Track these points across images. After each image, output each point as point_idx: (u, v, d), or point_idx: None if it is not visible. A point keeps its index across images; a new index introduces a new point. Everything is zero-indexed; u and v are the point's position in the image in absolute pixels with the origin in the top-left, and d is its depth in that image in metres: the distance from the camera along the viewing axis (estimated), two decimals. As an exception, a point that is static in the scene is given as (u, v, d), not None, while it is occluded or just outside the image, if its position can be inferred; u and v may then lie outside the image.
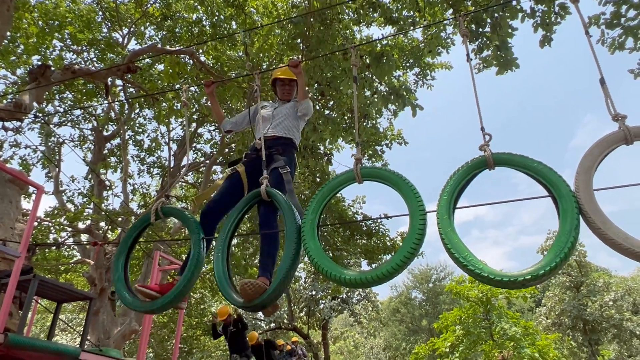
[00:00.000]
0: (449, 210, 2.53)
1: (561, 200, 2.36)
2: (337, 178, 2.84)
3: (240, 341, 8.88)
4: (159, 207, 3.23)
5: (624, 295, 20.17)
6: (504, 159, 2.64)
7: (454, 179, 2.64)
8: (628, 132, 2.48)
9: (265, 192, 2.82)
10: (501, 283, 2.33)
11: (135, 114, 13.21)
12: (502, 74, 5.59)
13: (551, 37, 5.78)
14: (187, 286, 2.99)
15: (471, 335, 14.81)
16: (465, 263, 2.33)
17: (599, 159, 2.54)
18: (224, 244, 2.82)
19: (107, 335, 9.23)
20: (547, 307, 21.68)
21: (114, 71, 7.09)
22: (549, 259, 2.27)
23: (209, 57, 10.53)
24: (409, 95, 6.39)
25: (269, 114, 3.64)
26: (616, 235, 2.25)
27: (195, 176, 14.85)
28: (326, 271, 2.46)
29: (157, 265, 5.80)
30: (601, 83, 2.88)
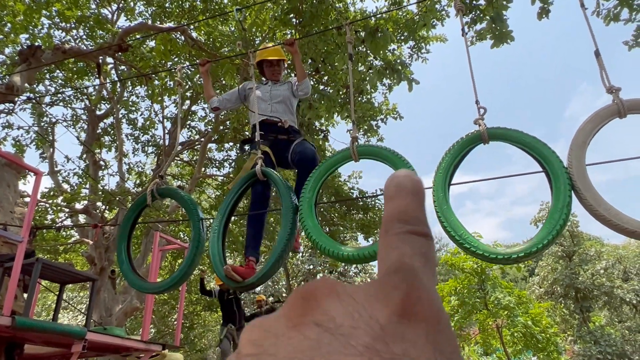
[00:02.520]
0: (445, 187, 2.57)
1: (554, 177, 2.41)
2: (333, 157, 2.87)
3: (237, 310, 8.41)
4: (155, 189, 3.27)
5: (615, 264, 20.58)
6: (499, 133, 2.67)
7: (449, 155, 2.67)
8: (622, 106, 2.52)
9: (260, 171, 2.85)
10: (495, 260, 2.40)
11: (128, 92, 13.07)
12: (497, 47, 5.56)
13: (549, 9, 5.73)
14: (192, 266, 3.07)
15: (466, 305, 15.13)
16: (461, 241, 2.40)
17: (592, 134, 2.58)
18: (220, 224, 2.87)
19: (109, 313, 9.38)
20: (540, 276, 22.12)
21: (106, 50, 6.99)
22: (541, 236, 2.33)
23: (200, 33, 10.36)
24: (404, 69, 6.36)
25: (266, 95, 3.64)
26: (607, 212, 2.31)
27: (191, 154, 14.81)
28: (325, 248, 2.52)
29: (157, 246, 5.86)
30: (596, 55, 2.90)
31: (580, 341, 19.41)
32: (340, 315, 0.21)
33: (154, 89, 8.85)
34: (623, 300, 19.91)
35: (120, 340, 4.10)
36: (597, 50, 2.87)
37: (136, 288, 3.30)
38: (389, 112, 11.59)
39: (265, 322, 0.23)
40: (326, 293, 0.22)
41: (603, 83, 2.72)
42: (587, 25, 3.06)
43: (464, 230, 2.46)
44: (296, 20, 6.77)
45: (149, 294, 3.63)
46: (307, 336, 0.21)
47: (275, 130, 3.48)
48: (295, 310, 0.22)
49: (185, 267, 3.02)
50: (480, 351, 18.42)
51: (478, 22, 6.46)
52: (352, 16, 8.51)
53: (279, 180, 2.80)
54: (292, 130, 3.52)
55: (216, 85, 9.84)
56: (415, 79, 6.29)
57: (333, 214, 12.02)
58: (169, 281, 3.14)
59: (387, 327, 0.20)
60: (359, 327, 0.20)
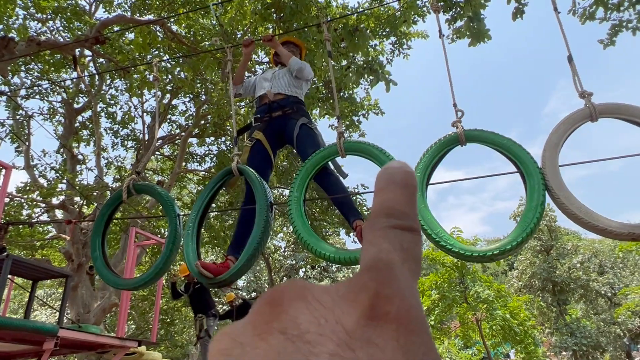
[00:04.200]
0: (422, 186, 2.60)
1: (529, 177, 2.47)
2: (320, 152, 2.87)
3: (204, 299, 8.31)
4: (131, 184, 3.24)
5: (591, 257, 21.07)
6: (476, 135, 2.72)
7: (427, 155, 2.70)
8: (593, 110, 2.58)
9: (236, 168, 2.84)
10: (471, 258, 2.45)
11: (107, 86, 12.85)
12: (475, 46, 5.62)
13: (523, 10, 5.81)
14: (167, 263, 3.05)
15: (446, 299, 15.32)
16: (437, 239, 2.43)
17: (565, 136, 2.64)
18: (194, 221, 2.86)
19: (87, 310, 9.26)
20: (519, 270, 22.54)
21: (82, 43, 6.85)
22: (516, 234, 2.38)
23: (181, 26, 10.23)
24: (382, 69, 6.37)
25: (269, 76, 3.60)
26: (578, 210, 2.37)
27: (172, 148, 14.65)
28: (316, 250, 2.52)
29: (133, 242, 5.79)
30: (569, 60, 2.95)
31: (557, 333, 19.86)
32: (306, 321, 0.20)
33: (133, 82, 8.71)
34: (598, 293, 20.43)
35: (94, 336, 4.05)
36: (569, 55, 2.92)
37: (110, 284, 3.27)
38: (370, 107, 11.64)
39: (234, 330, 0.22)
40: (293, 298, 0.22)
41: (576, 88, 2.78)
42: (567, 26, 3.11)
43: (441, 228, 2.50)
44: (276, 16, 6.74)
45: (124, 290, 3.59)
46: (272, 345, 0.20)
47: (270, 108, 3.35)
48: (262, 317, 0.22)
49: (161, 263, 3.00)
50: (460, 344, 18.71)
51: (458, 19, 6.52)
52: (333, 12, 8.50)
53: (253, 178, 2.79)
54: (286, 102, 3.35)
55: (198, 79, 9.74)
56: (393, 80, 6.31)
57: (315, 209, 12.03)
58: (145, 277, 3.11)
59: (355, 331, 0.20)
60: (325, 334, 0.20)
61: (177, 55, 8.31)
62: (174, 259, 3.11)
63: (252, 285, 21.18)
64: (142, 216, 8.18)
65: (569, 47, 2.95)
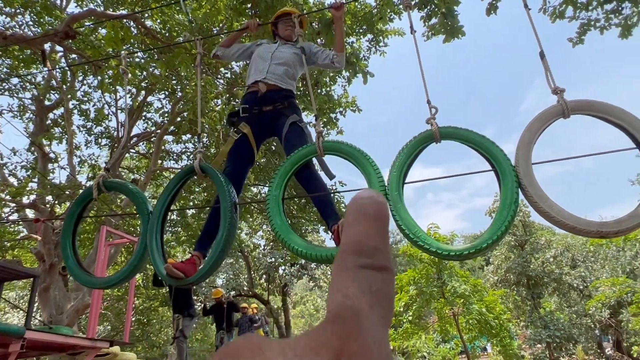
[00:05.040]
0: (399, 185, 2.60)
1: (502, 175, 2.49)
2: (299, 152, 2.85)
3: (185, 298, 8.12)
4: (101, 182, 3.18)
5: (564, 251, 21.59)
6: (450, 132, 2.73)
7: (402, 154, 2.71)
8: (565, 107, 2.62)
9: (199, 168, 2.80)
10: (448, 256, 2.47)
11: (79, 82, 12.55)
12: (449, 42, 5.68)
13: (497, 6, 5.89)
14: (141, 261, 2.99)
15: (424, 295, 15.50)
16: (414, 238, 2.44)
17: (538, 133, 2.68)
18: (157, 220, 2.81)
19: (60, 311, 9.05)
20: (494, 265, 22.95)
21: (51, 37, 6.66)
22: (491, 232, 2.41)
23: (155, 21, 10.05)
24: (358, 62, 6.38)
25: (267, 54, 3.36)
26: (549, 208, 2.41)
27: (148, 146, 14.42)
28: (294, 248, 2.50)
29: (103, 241, 5.67)
30: (541, 57, 3.00)
31: (531, 326, 20.30)
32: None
33: (104, 78, 8.52)
34: (571, 286, 20.95)
35: (63, 338, 3.96)
36: (541, 51, 2.97)
37: (82, 283, 3.19)
38: (348, 105, 11.66)
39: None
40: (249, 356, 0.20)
41: (548, 84, 2.81)
42: (542, 25, 3.16)
43: (418, 228, 2.50)
44: (252, 11, 6.68)
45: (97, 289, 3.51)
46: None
47: (261, 101, 3.19)
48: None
49: (135, 261, 2.95)
50: (438, 339, 18.97)
51: (433, 16, 6.58)
52: (309, 7, 8.47)
53: (216, 177, 2.75)
54: (278, 96, 3.22)
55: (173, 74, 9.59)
56: (370, 72, 6.33)
57: (292, 206, 12.00)
58: (118, 275, 3.05)
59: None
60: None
61: (149, 50, 8.16)
62: (147, 257, 3.06)
63: (231, 284, 21.05)
64: (115, 214, 8.03)
65: (541, 44, 3.00)
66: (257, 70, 3.30)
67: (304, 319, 42.13)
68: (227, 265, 21.49)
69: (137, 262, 2.86)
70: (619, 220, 2.29)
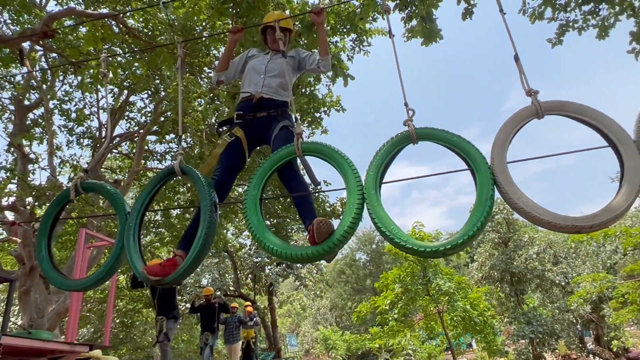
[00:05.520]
0: (376, 186, 2.62)
1: (478, 173, 2.53)
2: (278, 153, 2.85)
3: (169, 299, 7.95)
4: (79, 183, 3.15)
5: (546, 248, 21.92)
6: (427, 133, 2.76)
7: (380, 154, 2.73)
8: (539, 107, 2.67)
9: (179, 169, 2.79)
10: (424, 253, 2.48)
11: (60, 82, 12.35)
12: (427, 45, 5.72)
13: (472, 11, 5.95)
14: (117, 262, 2.96)
15: (409, 292, 15.62)
16: (391, 236, 2.45)
17: (512, 133, 2.72)
18: (135, 221, 2.79)
19: (41, 315, 8.90)
20: (478, 262, 23.21)
21: (29, 37, 6.55)
22: (466, 229, 2.43)
23: (137, 20, 9.93)
24: (340, 64, 6.40)
25: (261, 67, 3.37)
26: (525, 204, 2.45)
27: (131, 146, 14.26)
28: (269, 247, 2.49)
29: (82, 243, 5.60)
30: (515, 60, 3.04)
31: (515, 322, 20.58)
32: None
33: (84, 78, 8.41)
34: (553, 283, 21.28)
35: (41, 343, 3.90)
36: (516, 55, 3.01)
37: (57, 286, 3.15)
38: (332, 104, 11.69)
39: None
40: None
41: (522, 86, 2.86)
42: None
43: (395, 226, 2.52)
44: (234, 10, 6.65)
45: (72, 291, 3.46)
46: None
47: (255, 107, 3.21)
48: None
49: (111, 263, 2.92)
50: (424, 336, 19.12)
51: (414, 17, 6.62)
52: (293, 8, 8.46)
53: (196, 177, 2.74)
54: (273, 104, 3.23)
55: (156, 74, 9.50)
56: (351, 75, 6.34)
57: (277, 206, 11.99)
58: (94, 277, 3.02)
59: None
60: None
61: (131, 50, 8.07)
62: (124, 258, 3.04)
63: (217, 284, 20.92)
64: (95, 215, 7.93)
65: (515, 47, 3.05)
66: (252, 82, 3.32)
67: (291, 318, 42.13)
68: (212, 265, 21.36)
69: (113, 263, 2.84)
70: (593, 215, 2.33)
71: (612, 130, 2.44)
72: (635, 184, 2.25)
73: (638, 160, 2.30)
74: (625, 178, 2.30)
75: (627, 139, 2.38)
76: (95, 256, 9.76)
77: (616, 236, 14.15)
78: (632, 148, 2.34)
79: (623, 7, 6.64)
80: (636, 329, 22.63)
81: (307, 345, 36.09)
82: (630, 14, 6.52)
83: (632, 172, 2.28)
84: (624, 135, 2.40)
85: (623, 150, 2.36)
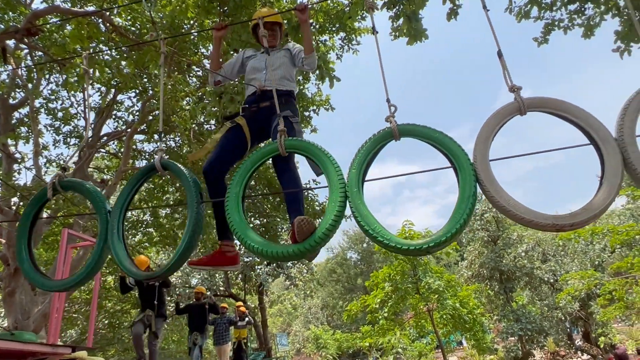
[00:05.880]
0: (359, 183, 2.60)
1: (461, 171, 2.52)
2: (261, 150, 2.82)
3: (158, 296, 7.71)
4: (57, 182, 3.10)
5: (535, 246, 22.10)
6: (409, 129, 2.74)
7: (362, 152, 2.71)
8: (522, 104, 2.67)
9: (160, 165, 2.75)
10: (408, 251, 2.46)
11: (46, 80, 12.19)
12: (412, 45, 5.72)
13: (457, 11, 5.96)
14: (99, 262, 2.93)
15: (399, 291, 15.66)
16: (374, 234, 2.44)
17: (495, 130, 2.71)
18: (118, 219, 2.76)
19: (27, 316, 8.79)
20: (468, 260, 23.33)
21: (11, 34, 6.45)
22: (449, 227, 2.42)
23: (125, 19, 9.83)
24: (325, 66, 6.37)
25: (261, 65, 3.37)
26: (506, 202, 2.45)
27: (119, 145, 14.13)
28: (249, 244, 2.46)
29: (65, 244, 5.53)
30: (499, 56, 3.04)
31: (504, 320, 20.73)
32: None
33: (70, 76, 8.30)
34: (542, 280, 21.46)
35: (22, 344, 3.84)
36: (499, 51, 3.01)
37: (38, 286, 3.10)
38: (321, 103, 11.67)
39: None
40: None
41: (506, 82, 2.85)
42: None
43: (378, 224, 2.50)
44: (220, 9, 6.60)
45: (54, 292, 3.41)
46: None
47: (258, 99, 3.23)
48: None
49: (92, 263, 2.88)
50: (415, 334, 19.19)
51: (401, 16, 6.62)
52: (282, 6, 8.42)
53: (181, 172, 2.71)
54: (278, 93, 3.15)
55: (143, 73, 9.41)
56: (337, 76, 6.32)
57: (266, 205, 11.95)
58: (75, 278, 2.98)
59: None
60: None
61: (116, 47, 7.98)
62: (106, 257, 3.01)
63: (206, 283, 20.81)
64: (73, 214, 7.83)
65: (499, 44, 3.04)
66: (255, 80, 3.33)
67: (282, 317, 42.09)
68: (202, 265, 21.22)
69: (95, 263, 2.80)
70: (574, 213, 2.34)
71: (594, 128, 2.44)
72: (615, 183, 2.26)
73: (618, 159, 2.30)
74: (606, 177, 2.31)
75: (609, 137, 2.38)
76: (82, 256, 9.66)
77: (604, 234, 14.28)
78: (613, 146, 2.34)
79: (608, 6, 6.71)
80: (623, 326, 22.90)
81: (298, 344, 36.08)
82: (615, 13, 6.58)
83: (612, 171, 2.29)
84: (606, 133, 2.40)
85: (604, 148, 2.37)
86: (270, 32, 3.47)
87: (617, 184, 2.26)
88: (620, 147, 2.33)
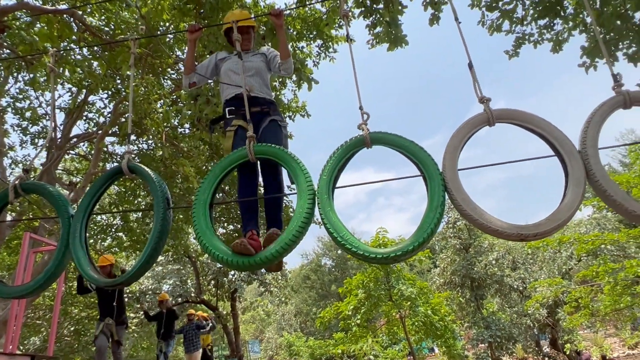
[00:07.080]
0: (329, 190, 2.59)
1: (430, 179, 2.54)
2: (229, 156, 2.79)
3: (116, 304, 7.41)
4: (18, 184, 3.00)
5: (505, 254, 22.53)
6: (380, 137, 2.76)
7: (333, 159, 2.71)
8: (491, 115, 2.72)
9: (127, 168, 2.69)
10: (375, 259, 2.46)
11: (14, 79, 11.83)
12: (392, 50, 5.80)
13: (439, 16, 6.07)
14: (59, 267, 2.83)
15: (372, 298, 15.69)
16: (342, 242, 2.43)
17: (464, 140, 2.75)
18: (81, 223, 2.69)
19: (-14, 323, 8.43)
20: (440, 267, 23.61)
21: (-23, 30, 6.23)
22: (417, 236, 2.43)
23: (98, 19, 9.63)
24: (303, 69, 6.39)
25: (237, 68, 3.32)
26: (473, 211, 2.48)
27: (90, 147, 13.79)
28: (214, 254, 2.41)
29: (26, 248, 5.34)
30: (469, 67, 3.10)
31: (475, 327, 21.02)
32: None
33: (37, 75, 8.07)
34: (511, 288, 21.87)
35: (-24, 354, 3.67)
36: (470, 62, 3.07)
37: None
38: (297, 109, 11.67)
39: None
40: None
41: (475, 93, 2.91)
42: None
43: (346, 231, 2.50)
44: (196, 11, 6.54)
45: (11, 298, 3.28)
46: None
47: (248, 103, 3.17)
48: None
49: (52, 268, 2.79)
50: (387, 341, 19.24)
51: (378, 25, 6.70)
52: (260, 10, 8.40)
53: (148, 176, 2.66)
54: (264, 101, 3.29)
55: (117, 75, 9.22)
56: (315, 79, 6.35)
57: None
58: (33, 284, 2.88)
59: None
60: None
61: (87, 46, 7.81)
62: (67, 262, 2.92)
63: (177, 290, 20.44)
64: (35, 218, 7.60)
65: (470, 55, 3.11)
66: (234, 82, 3.31)
67: (255, 324, 41.66)
68: (173, 271, 20.87)
69: (55, 268, 2.71)
70: (538, 223, 2.39)
71: (558, 140, 2.50)
72: (578, 194, 2.31)
73: (581, 171, 2.36)
74: (569, 188, 2.36)
75: (572, 149, 2.45)
76: (47, 261, 9.34)
77: (570, 243, 14.66)
78: (576, 158, 2.41)
79: (576, 22, 6.94)
80: (588, 332, 23.51)
81: (270, 351, 35.73)
82: (582, 30, 6.82)
83: (575, 182, 2.35)
84: (569, 145, 2.47)
85: (568, 160, 2.43)
86: (245, 35, 3.45)
87: (580, 194, 2.32)
88: (583, 158, 2.40)
